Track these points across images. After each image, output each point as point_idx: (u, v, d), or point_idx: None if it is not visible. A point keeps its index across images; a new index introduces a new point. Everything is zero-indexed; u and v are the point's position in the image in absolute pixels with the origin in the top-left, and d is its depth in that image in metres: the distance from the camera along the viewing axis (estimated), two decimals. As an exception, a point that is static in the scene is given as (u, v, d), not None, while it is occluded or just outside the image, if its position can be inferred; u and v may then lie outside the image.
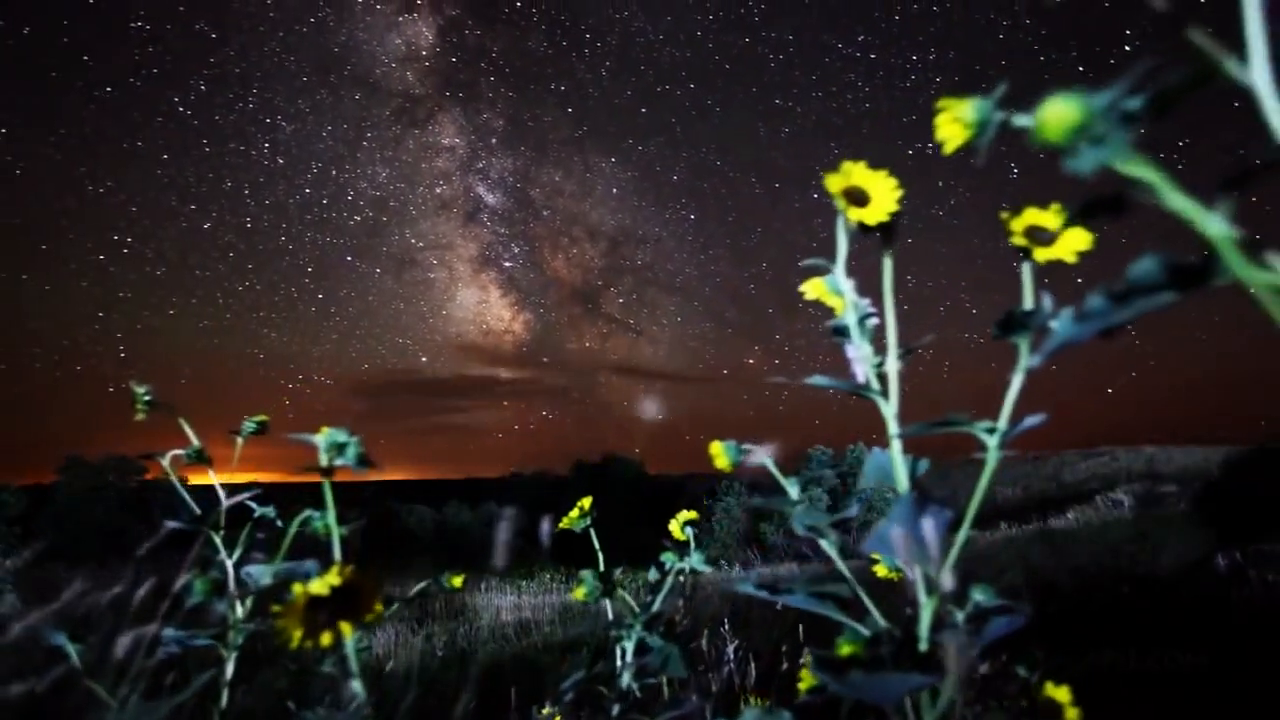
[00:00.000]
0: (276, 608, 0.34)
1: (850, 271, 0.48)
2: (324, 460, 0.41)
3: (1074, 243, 0.35)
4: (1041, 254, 0.36)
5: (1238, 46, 0.26)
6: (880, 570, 0.63)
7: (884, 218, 0.39)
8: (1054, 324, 0.32)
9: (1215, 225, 0.20)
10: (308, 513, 0.48)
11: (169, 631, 0.51)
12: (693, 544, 0.65)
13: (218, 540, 0.60)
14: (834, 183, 0.38)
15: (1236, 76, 0.25)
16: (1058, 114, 0.22)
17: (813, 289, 0.51)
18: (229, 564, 0.58)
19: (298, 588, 0.34)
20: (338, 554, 0.45)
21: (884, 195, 0.39)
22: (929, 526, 0.34)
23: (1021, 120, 0.30)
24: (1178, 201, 0.21)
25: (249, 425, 0.71)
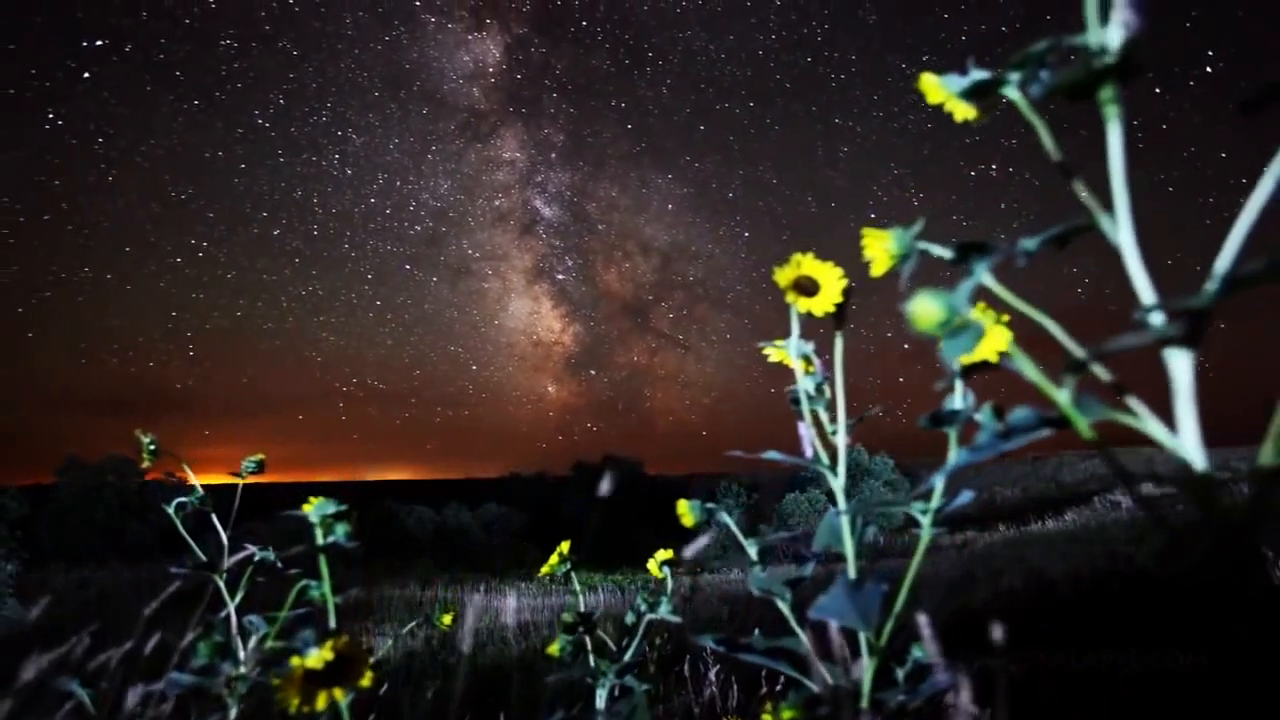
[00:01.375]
0: (276, 680, 0.37)
1: (812, 337, 0.51)
2: (320, 539, 0.45)
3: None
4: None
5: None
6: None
7: (829, 308, 0.42)
8: (979, 418, 0.36)
9: (1062, 396, 0.24)
10: (305, 583, 0.52)
11: (175, 674, 0.54)
12: (669, 585, 0.68)
13: (222, 587, 0.63)
14: (783, 275, 0.42)
15: (1108, 233, 0.28)
16: (924, 311, 0.26)
17: (776, 353, 0.55)
18: (232, 611, 0.61)
19: (295, 661, 0.38)
20: (333, 622, 0.48)
21: (831, 285, 0.42)
22: (868, 599, 0.38)
23: (938, 250, 0.33)
24: (1031, 373, 0.24)
25: (249, 465, 0.74)
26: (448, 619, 0.73)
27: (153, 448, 0.67)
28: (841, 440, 0.44)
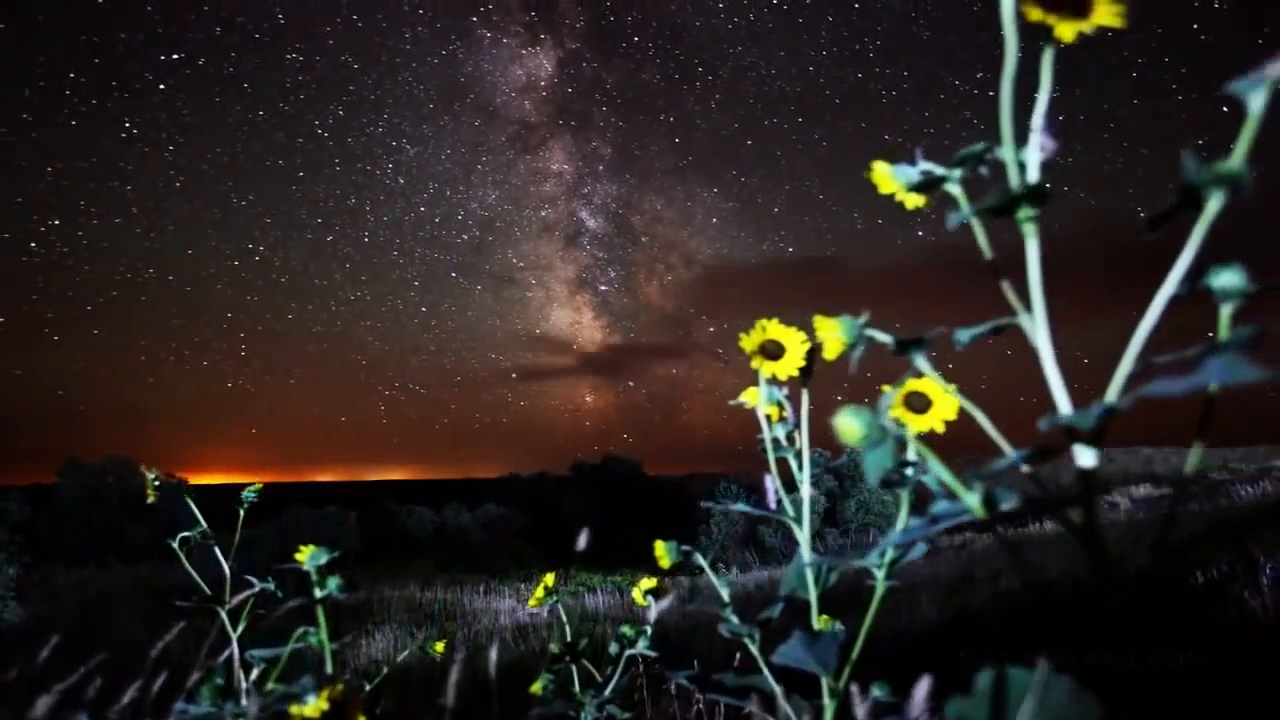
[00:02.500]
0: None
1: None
2: (317, 593, 0.48)
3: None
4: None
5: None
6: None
7: (793, 372, 0.45)
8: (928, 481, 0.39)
9: (971, 499, 0.27)
10: (304, 629, 0.55)
11: (180, 705, 0.57)
12: (653, 613, 0.71)
13: (227, 622, 0.66)
14: (748, 341, 0.45)
15: (1028, 333, 0.31)
16: (846, 427, 0.29)
17: (750, 396, 0.58)
18: (235, 647, 0.64)
19: (295, 709, 0.40)
20: (329, 668, 0.51)
21: (795, 349, 0.45)
22: (825, 647, 0.41)
23: (883, 336, 0.36)
24: (943, 475, 0.27)
25: (248, 494, 0.77)
26: (440, 646, 0.76)
27: (157, 484, 0.70)
28: (805, 493, 0.47)
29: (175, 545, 0.72)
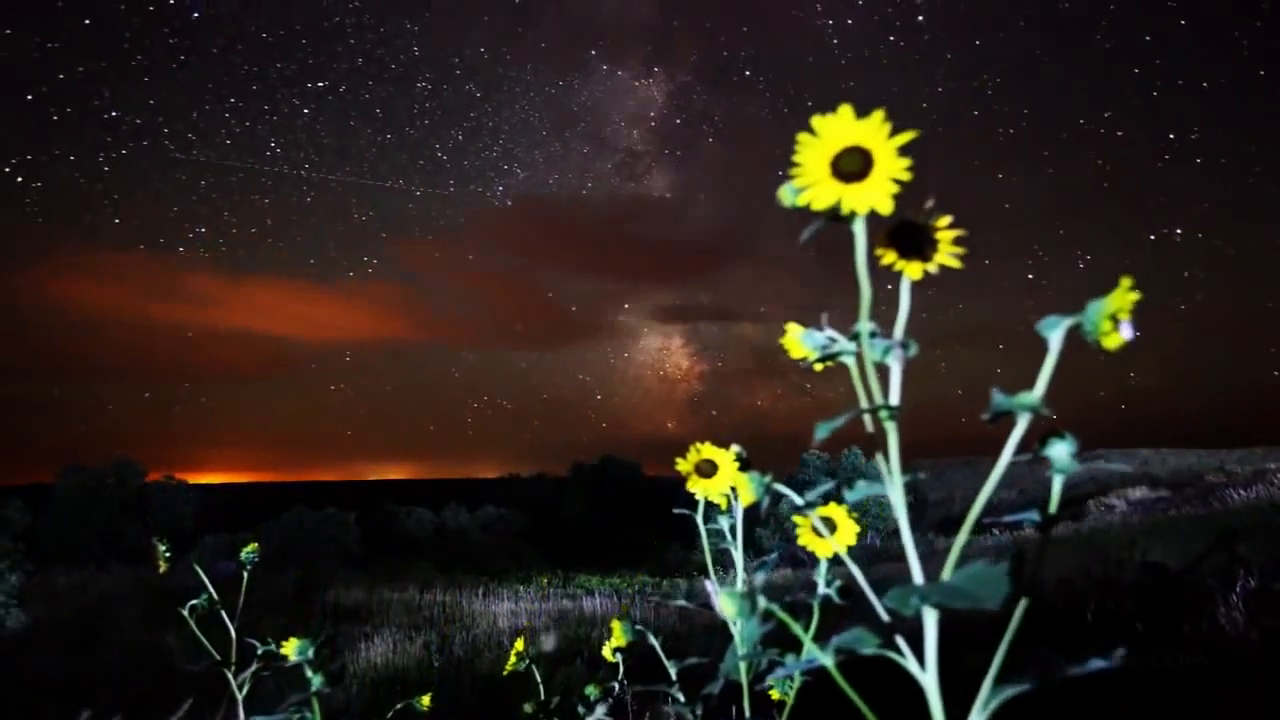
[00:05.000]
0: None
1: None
2: (313, 687, 0.54)
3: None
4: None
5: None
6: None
7: (725, 489, 0.52)
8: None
9: (828, 658, 0.34)
10: (300, 698, 0.61)
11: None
12: (621, 666, 0.77)
13: (232, 680, 0.73)
14: (684, 464, 0.51)
15: (891, 498, 0.38)
16: (724, 605, 0.35)
17: (700, 487, 0.64)
18: (239, 705, 0.71)
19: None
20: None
21: (727, 467, 0.52)
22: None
23: (788, 491, 0.43)
24: (792, 626, 0.34)
25: (247, 554, 0.84)
26: (426, 700, 0.82)
27: (168, 555, 0.77)
28: (740, 588, 0.53)
29: (185, 613, 0.78)
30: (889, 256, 0.35)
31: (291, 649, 0.56)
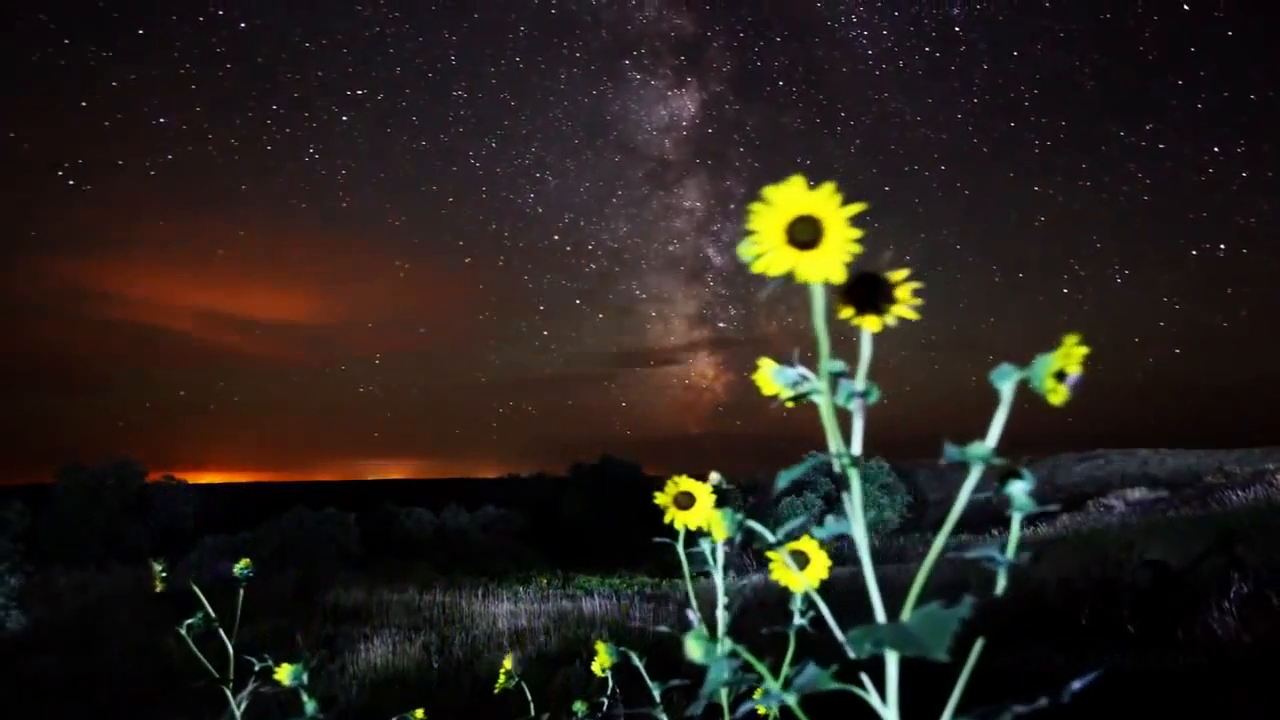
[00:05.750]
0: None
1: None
2: (308, 713, 0.56)
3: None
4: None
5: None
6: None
7: (703, 522, 0.53)
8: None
9: (791, 698, 0.35)
10: None
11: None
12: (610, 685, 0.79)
13: (231, 699, 0.75)
14: (662, 498, 0.53)
15: (854, 536, 0.39)
16: (691, 648, 0.37)
17: (679, 519, 0.66)
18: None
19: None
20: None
21: (704, 500, 0.53)
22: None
23: (759, 529, 0.44)
24: (758, 667, 0.35)
25: (240, 570, 0.85)
26: (420, 714, 0.83)
27: (164, 575, 0.78)
28: (721, 614, 0.55)
29: (183, 631, 0.79)
30: (847, 311, 0.36)
31: (285, 675, 0.58)
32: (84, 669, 7.66)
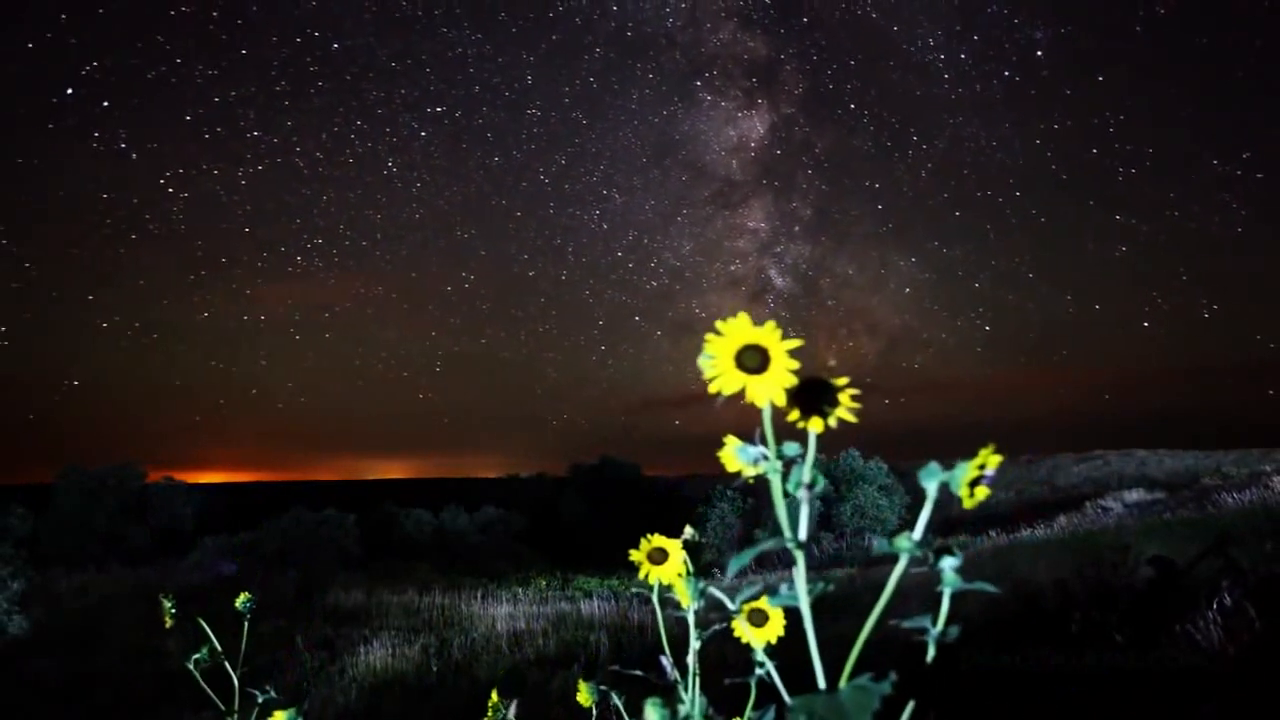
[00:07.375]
0: None
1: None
2: None
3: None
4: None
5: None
6: None
7: (674, 577, 0.58)
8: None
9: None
10: None
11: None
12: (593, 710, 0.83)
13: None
14: (638, 554, 0.57)
15: (801, 608, 0.44)
16: (649, 715, 0.41)
17: (652, 575, 0.71)
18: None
19: None
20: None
21: (676, 555, 0.58)
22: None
23: (719, 595, 0.49)
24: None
25: (242, 604, 0.90)
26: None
27: (173, 610, 0.83)
28: (692, 660, 0.59)
29: (190, 666, 0.84)
30: (794, 414, 0.41)
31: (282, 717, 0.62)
32: (84, 670, 7.71)
